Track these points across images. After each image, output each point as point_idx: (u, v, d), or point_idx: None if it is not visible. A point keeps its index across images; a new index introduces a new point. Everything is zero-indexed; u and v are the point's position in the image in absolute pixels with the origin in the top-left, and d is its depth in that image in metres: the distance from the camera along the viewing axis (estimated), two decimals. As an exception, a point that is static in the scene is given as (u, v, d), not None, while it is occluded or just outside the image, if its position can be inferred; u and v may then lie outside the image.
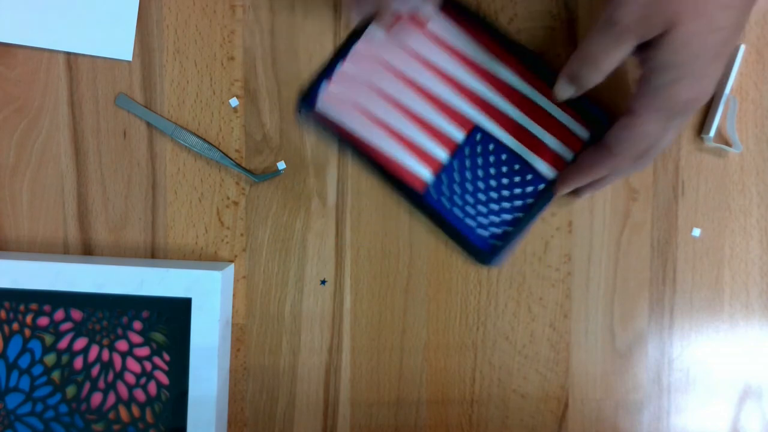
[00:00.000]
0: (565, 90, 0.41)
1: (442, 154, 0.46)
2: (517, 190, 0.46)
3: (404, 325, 0.49)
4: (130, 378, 0.46)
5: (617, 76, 0.44)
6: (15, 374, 0.46)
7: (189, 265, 0.47)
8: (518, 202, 0.46)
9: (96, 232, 0.48)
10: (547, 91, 0.46)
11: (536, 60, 0.46)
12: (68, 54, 0.47)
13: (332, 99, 0.46)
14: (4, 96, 0.48)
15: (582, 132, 0.46)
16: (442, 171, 0.46)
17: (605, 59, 0.38)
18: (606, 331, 0.49)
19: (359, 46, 0.46)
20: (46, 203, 0.48)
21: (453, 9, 0.46)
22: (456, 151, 0.46)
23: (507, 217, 0.46)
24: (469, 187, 0.46)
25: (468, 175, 0.46)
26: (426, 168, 0.46)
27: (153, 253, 0.49)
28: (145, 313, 0.46)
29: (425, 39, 0.46)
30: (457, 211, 0.46)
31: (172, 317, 0.46)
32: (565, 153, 0.46)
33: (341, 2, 0.47)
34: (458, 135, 0.46)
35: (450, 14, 0.46)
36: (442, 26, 0.46)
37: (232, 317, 0.49)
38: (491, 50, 0.46)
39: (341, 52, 0.46)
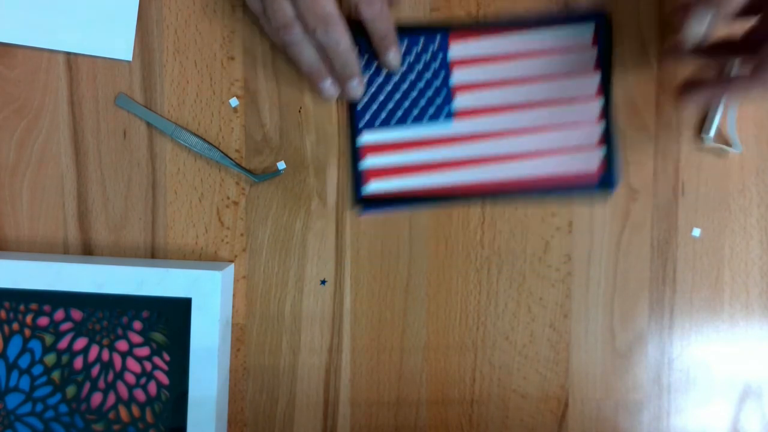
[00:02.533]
0: (702, 16, 0.35)
1: None
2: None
3: (404, 325, 0.49)
4: (130, 378, 0.46)
5: None
6: (15, 374, 0.46)
7: (189, 265, 0.47)
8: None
9: (96, 232, 0.48)
10: None
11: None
12: (68, 54, 0.47)
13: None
14: (4, 96, 0.48)
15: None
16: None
17: None
18: (606, 331, 0.49)
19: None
20: (46, 203, 0.48)
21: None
22: None
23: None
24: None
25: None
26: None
27: (153, 253, 0.49)
28: (145, 313, 0.46)
29: None
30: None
31: (172, 317, 0.46)
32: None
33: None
34: None
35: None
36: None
37: (232, 317, 0.49)
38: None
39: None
